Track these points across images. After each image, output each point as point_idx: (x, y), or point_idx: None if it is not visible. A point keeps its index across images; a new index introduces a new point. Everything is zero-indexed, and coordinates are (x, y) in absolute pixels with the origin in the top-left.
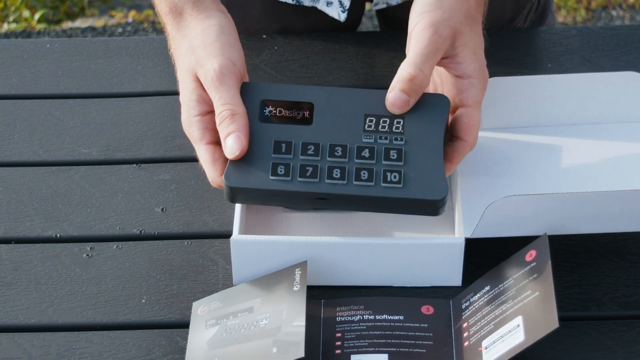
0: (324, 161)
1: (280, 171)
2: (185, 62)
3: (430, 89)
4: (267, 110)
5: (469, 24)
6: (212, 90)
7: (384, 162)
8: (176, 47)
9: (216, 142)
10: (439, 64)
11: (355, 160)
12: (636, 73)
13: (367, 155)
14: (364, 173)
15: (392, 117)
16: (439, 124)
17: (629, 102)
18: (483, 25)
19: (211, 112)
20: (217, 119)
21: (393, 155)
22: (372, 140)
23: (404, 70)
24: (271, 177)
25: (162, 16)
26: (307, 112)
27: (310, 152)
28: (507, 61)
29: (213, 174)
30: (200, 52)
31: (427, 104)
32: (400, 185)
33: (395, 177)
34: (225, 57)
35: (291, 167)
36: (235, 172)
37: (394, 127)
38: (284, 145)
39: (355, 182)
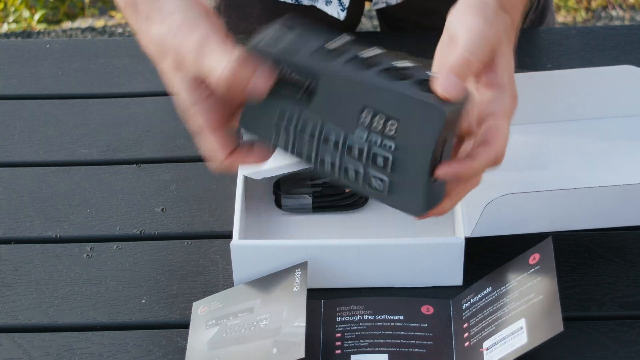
0: (318, 145)
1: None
2: (165, 56)
3: None
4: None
5: (506, 38)
6: (201, 63)
7: (371, 167)
8: (146, 42)
9: (218, 126)
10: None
11: (345, 157)
12: (633, 67)
13: (356, 155)
14: (352, 172)
15: (388, 116)
16: (431, 138)
17: (627, 96)
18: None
19: (208, 96)
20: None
21: (380, 163)
22: (364, 136)
23: (460, 54)
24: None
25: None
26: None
27: (306, 131)
28: None
29: (217, 160)
30: (173, 40)
31: (423, 112)
32: (384, 195)
33: (379, 185)
34: (197, 33)
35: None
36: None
37: (387, 128)
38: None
39: (343, 179)
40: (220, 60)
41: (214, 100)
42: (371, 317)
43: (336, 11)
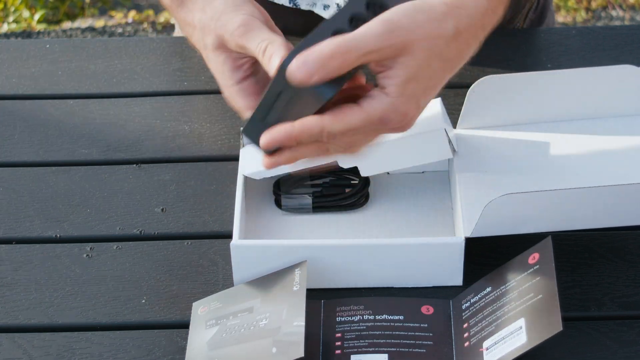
0: None
1: None
2: (206, 41)
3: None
4: None
5: (430, 50)
6: (244, 41)
7: None
8: (190, 34)
9: None
10: (371, 65)
11: None
12: (633, 67)
13: None
14: None
15: None
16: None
17: (627, 96)
18: (460, 65)
19: (247, 77)
20: (262, 58)
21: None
22: None
23: (328, 44)
24: None
25: (171, 10)
26: None
27: None
28: (507, 61)
29: None
30: (216, 24)
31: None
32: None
33: None
34: (242, 15)
35: None
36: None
37: None
38: None
39: None
40: (262, 41)
41: (253, 81)
42: (371, 317)
43: None
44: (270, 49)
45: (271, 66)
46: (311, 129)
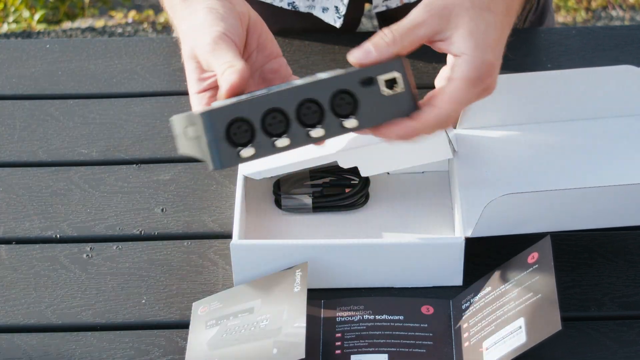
0: None
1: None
2: (184, 49)
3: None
4: None
5: (474, 9)
6: (210, 58)
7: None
8: (180, 35)
9: None
10: (435, 46)
11: None
12: (633, 67)
13: None
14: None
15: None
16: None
17: (627, 96)
18: (506, 18)
19: (211, 89)
20: (218, 75)
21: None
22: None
23: (380, 31)
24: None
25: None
26: None
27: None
28: (507, 61)
29: None
30: (193, 34)
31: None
32: None
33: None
34: (214, 30)
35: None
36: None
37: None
38: None
39: None
40: (224, 63)
41: (213, 93)
42: (371, 317)
43: (333, 18)
44: (227, 75)
45: (220, 92)
46: (429, 119)
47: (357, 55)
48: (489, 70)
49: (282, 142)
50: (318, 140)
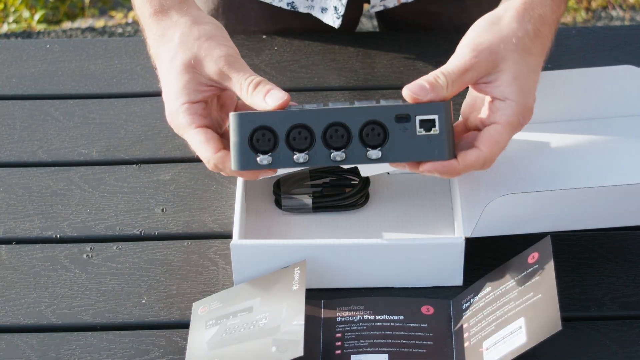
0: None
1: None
2: (178, 55)
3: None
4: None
5: (518, 52)
6: (231, 71)
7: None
8: (162, 44)
9: (206, 126)
10: (477, 87)
11: None
12: (633, 67)
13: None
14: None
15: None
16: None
17: (627, 96)
18: (542, 59)
19: (200, 101)
20: (247, 88)
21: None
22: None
23: (433, 72)
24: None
25: (144, 19)
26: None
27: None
28: None
29: (208, 153)
30: (204, 44)
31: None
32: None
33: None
34: (229, 48)
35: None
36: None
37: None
38: None
39: None
40: (251, 75)
41: (203, 105)
42: (371, 317)
43: (332, 19)
44: (264, 84)
45: (263, 101)
46: (473, 162)
47: (414, 90)
48: (529, 114)
49: (302, 157)
50: (337, 164)
